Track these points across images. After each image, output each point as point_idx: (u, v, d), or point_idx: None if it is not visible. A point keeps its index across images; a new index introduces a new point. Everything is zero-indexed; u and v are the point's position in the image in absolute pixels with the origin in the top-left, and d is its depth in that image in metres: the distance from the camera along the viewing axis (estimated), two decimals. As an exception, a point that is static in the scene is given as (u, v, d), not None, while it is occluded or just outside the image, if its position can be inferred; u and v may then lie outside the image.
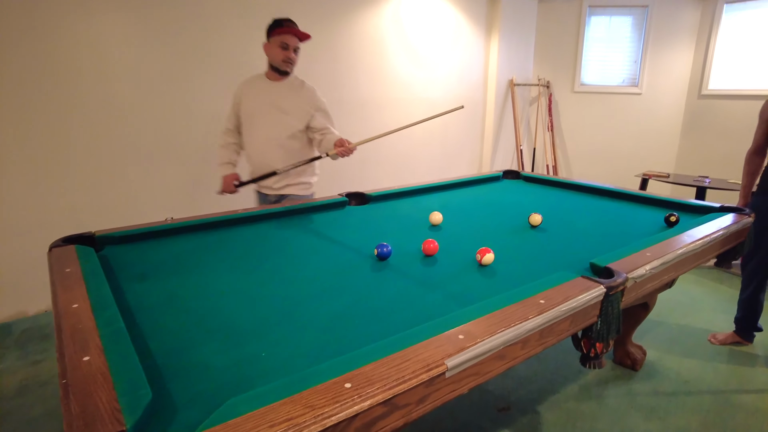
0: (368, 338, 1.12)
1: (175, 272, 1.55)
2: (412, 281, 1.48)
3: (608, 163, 5.47)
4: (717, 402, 2.21)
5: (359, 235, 1.95)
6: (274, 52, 2.34)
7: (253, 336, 1.15)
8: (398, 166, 4.56)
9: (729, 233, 1.96)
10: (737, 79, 4.80)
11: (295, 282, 1.47)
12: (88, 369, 0.95)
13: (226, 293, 1.39)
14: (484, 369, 1.09)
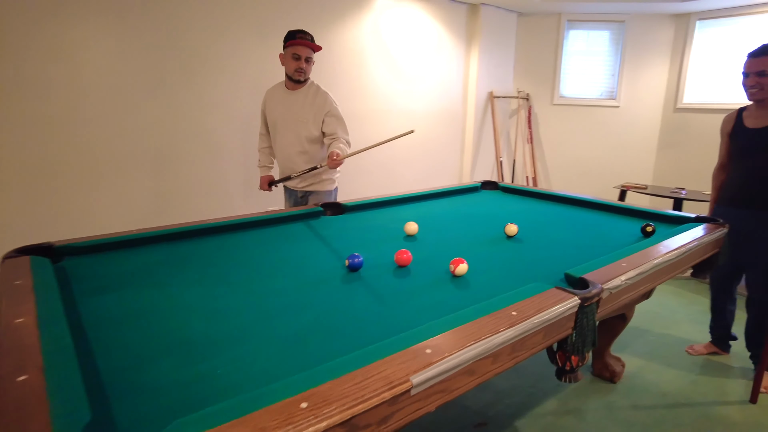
0: (331, 354, 1.07)
1: (138, 285, 1.47)
2: (383, 294, 1.43)
3: (587, 175, 5.51)
4: (696, 416, 2.18)
5: (332, 246, 1.90)
6: (287, 63, 2.52)
7: (211, 353, 1.09)
8: (379, 178, 4.53)
9: (704, 244, 1.95)
10: (710, 93, 4.90)
11: (261, 295, 1.41)
12: (22, 391, 0.87)
13: (189, 307, 1.32)
14: (453, 385, 1.04)
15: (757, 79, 2.30)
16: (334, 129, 2.60)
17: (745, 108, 2.49)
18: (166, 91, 3.20)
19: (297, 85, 2.58)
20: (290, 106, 2.59)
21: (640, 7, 4.82)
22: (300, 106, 2.58)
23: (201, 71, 3.31)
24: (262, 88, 3.57)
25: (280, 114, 2.63)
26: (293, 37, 2.47)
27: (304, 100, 2.59)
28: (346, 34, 4.02)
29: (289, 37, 2.49)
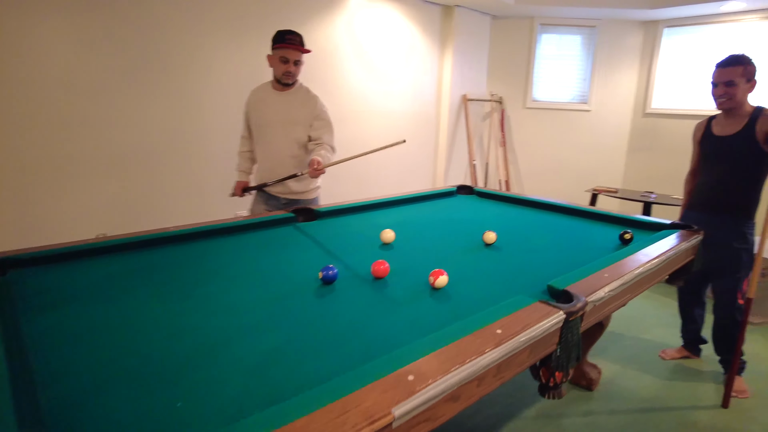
0: (304, 381, 0.98)
1: (92, 301, 1.35)
2: (359, 309, 1.35)
3: (559, 178, 5.56)
4: (672, 421, 2.18)
5: (305, 255, 1.81)
6: (276, 65, 2.41)
7: (172, 379, 0.99)
8: (353, 182, 4.44)
9: (682, 251, 1.95)
10: (677, 99, 5.01)
11: (228, 311, 1.31)
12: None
13: (148, 326, 1.21)
14: (437, 413, 0.96)
15: (725, 89, 2.32)
16: (320, 134, 2.50)
17: (714, 116, 2.52)
18: (135, 90, 3.03)
19: (286, 87, 2.48)
20: (280, 107, 2.48)
21: (610, 13, 4.88)
22: (291, 107, 2.48)
23: (171, 70, 3.15)
24: (233, 88, 3.46)
25: (267, 117, 2.49)
26: (282, 40, 2.34)
27: (295, 102, 2.49)
28: (320, 33, 3.92)
29: (277, 39, 2.36)
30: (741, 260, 2.39)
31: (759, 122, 2.28)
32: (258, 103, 2.53)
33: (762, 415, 2.26)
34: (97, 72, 2.88)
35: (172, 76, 3.17)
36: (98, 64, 2.88)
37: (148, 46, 3.05)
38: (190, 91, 3.28)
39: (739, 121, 2.35)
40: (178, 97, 3.23)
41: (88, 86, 2.86)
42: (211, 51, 3.34)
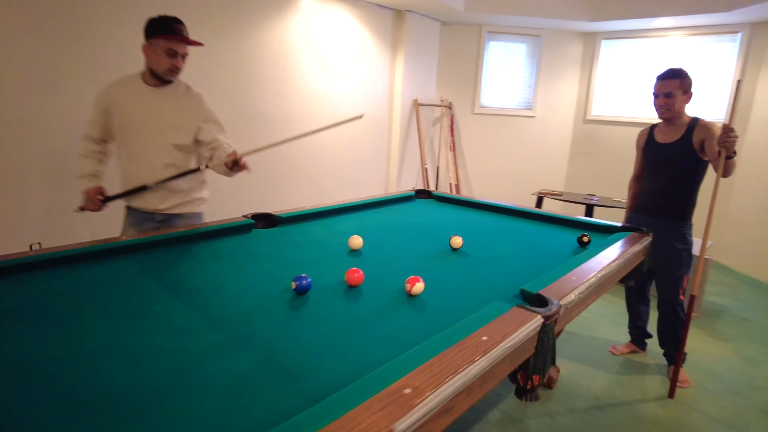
0: (287, 405, 0.92)
1: (34, 323, 1.20)
2: (338, 322, 1.29)
3: (506, 182, 5.73)
4: (626, 415, 2.28)
5: (270, 264, 1.73)
6: (158, 59, 1.98)
7: (134, 413, 0.88)
8: (304, 186, 4.35)
9: (636, 252, 2.04)
10: (615, 106, 5.31)
11: (192, 331, 1.21)
12: None
13: (100, 350, 1.09)
14: (434, 428, 0.93)
15: (665, 100, 2.47)
16: (214, 136, 2.14)
17: (656, 125, 2.67)
18: (72, 92, 2.79)
19: (163, 83, 2.07)
20: (156, 108, 2.05)
21: (553, 23, 5.10)
22: (168, 107, 2.07)
23: (111, 71, 2.93)
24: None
25: (138, 117, 2.04)
26: (169, 30, 1.95)
27: (173, 101, 2.09)
28: (272, 34, 3.80)
29: (161, 27, 1.95)
30: (682, 259, 2.55)
31: (695, 132, 2.44)
32: (125, 101, 2.04)
33: (703, 404, 2.41)
34: (29, 71, 2.63)
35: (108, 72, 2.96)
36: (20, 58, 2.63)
37: (87, 45, 2.82)
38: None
39: (678, 130, 2.50)
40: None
41: (19, 85, 2.61)
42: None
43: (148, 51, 1.99)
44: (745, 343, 3.11)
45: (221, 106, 3.54)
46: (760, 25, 4.51)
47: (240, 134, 3.74)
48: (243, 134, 3.76)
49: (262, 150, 2.10)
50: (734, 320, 3.47)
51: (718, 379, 2.65)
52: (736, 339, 3.16)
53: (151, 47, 1.97)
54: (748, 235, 4.58)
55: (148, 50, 1.99)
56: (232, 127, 3.63)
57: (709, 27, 4.73)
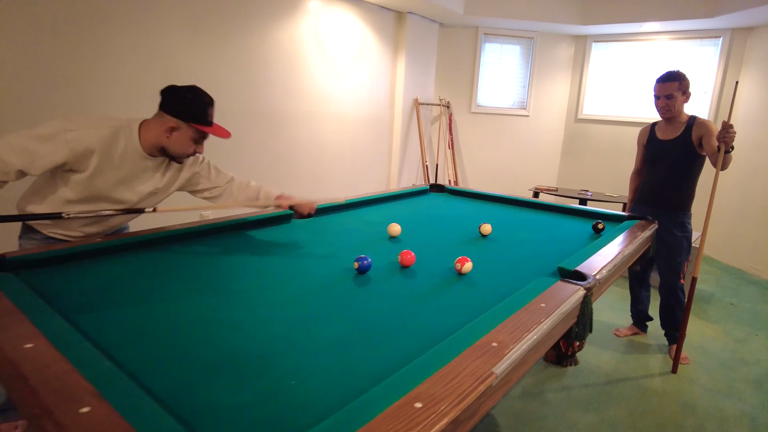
0: (388, 360, 1.06)
1: (127, 300, 1.32)
2: (404, 294, 1.44)
3: (501, 179, 5.94)
4: (634, 389, 2.49)
5: (322, 249, 1.86)
6: (183, 143, 1.72)
7: (257, 369, 1.00)
8: (309, 183, 4.47)
9: (646, 238, 2.24)
10: (604, 106, 5.58)
11: (276, 304, 1.34)
12: (96, 423, 0.76)
13: (206, 320, 1.22)
14: (515, 376, 1.10)
15: (666, 101, 2.68)
16: (226, 175, 2.01)
17: (656, 123, 2.89)
18: (89, 89, 2.86)
19: (165, 157, 1.80)
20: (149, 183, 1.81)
21: (546, 26, 5.33)
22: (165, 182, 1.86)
23: (127, 69, 3.01)
24: (191, 82, 3.36)
25: (125, 188, 1.76)
26: (206, 121, 1.72)
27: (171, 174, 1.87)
28: (282, 34, 3.92)
29: (199, 115, 1.69)
30: (682, 246, 2.77)
31: (694, 129, 2.67)
32: (118, 166, 1.70)
33: (701, 377, 2.64)
34: (34, 67, 2.70)
35: (127, 76, 3.04)
36: (33, 57, 2.70)
37: (100, 44, 2.90)
38: (145, 90, 3.16)
39: (677, 128, 2.73)
40: (130, 96, 3.10)
41: (20, 85, 2.68)
42: (172, 52, 3.24)
43: (171, 130, 1.69)
44: (734, 324, 3.37)
45: (233, 103, 3.67)
46: (740, 30, 4.81)
47: (251, 131, 3.85)
48: (252, 130, 3.87)
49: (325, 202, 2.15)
50: (722, 305, 3.73)
51: (712, 357, 2.88)
52: (725, 321, 3.42)
53: (178, 129, 1.69)
54: (729, 229, 4.88)
55: (171, 130, 1.69)
56: (243, 124, 3.76)
57: (692, 32, 5.02)
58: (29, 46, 2.58)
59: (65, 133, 1.57)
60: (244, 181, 2.02)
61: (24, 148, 1.54)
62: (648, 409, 2.32)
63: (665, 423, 2.22)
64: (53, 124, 1.58)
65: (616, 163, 5.45)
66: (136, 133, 1.70)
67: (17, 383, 0.89)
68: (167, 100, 1.69)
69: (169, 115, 1.68)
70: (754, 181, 4.64)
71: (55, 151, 1.57)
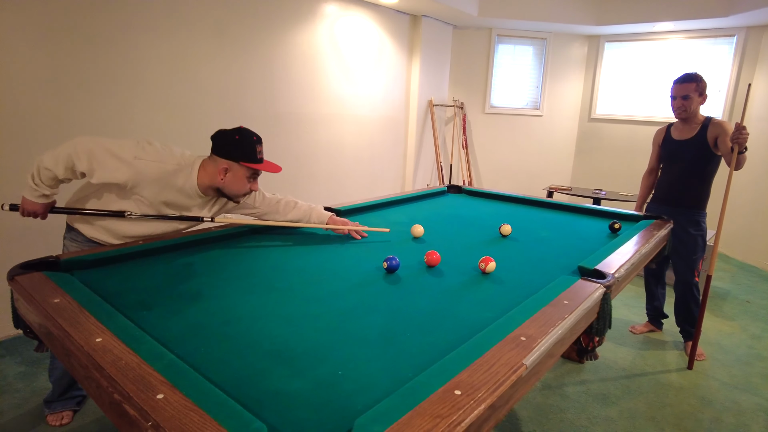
0: (429, 350, 1.14)
1: (180, 298, 1.42)
2: (434, 292, 1.52)
3: (515, 178, 5.99)
4: (651, 383, 2.54)
5: (351, 249, 1.95)
6: (238, 183, 1.82)
7: (315, 359, 1.10)
8: (327, 183, 4.56)
9: (662, 236, 2.30)
10: (618, 105, 5.60)
11: (320, 300, 1.43)
12: (172, 408, 0.85)
13: (259, 315, 1.32)
14: (543, 369, 1.17)
15: (683, 102, 2.73)
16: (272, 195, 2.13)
17: (672, 123, 2.94)
18: (115, 94, 2.98)
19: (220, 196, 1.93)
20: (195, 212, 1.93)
21: (559, 27, 5.37)
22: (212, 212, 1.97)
23: (151, 74, 3.13)
24: (220, 89, 3.48)
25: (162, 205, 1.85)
26: (255, 158, 1.80)
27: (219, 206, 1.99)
28: (301, 38, 4.02)
29: (250, 155, 1.79)
30: (697, 244, 2.82)
31: (709, 130, 2.71)
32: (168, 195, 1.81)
33: (717, 373, 2.68)
34: (56, 69, 2.82)
35: (154, 80, 3.16)
36: (55, 63, 2.81)
37: (128, 50, 3.02)
38: (172, 95, 3.27)
39: (693, 128, 2.77)
40: (158, 100, 3.21)
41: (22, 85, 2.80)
42: (196, 59, 3.34)
43: (225, 172, 1.80)
44: (749, 321, 3.40)
45: (254, 106, 3.77)
46: (755, 28, 4.82)
47: (271, 132, 3.96)
48: (273, 132, 3.98)
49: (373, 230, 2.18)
50: (737, 302, 3.76)
51: (728, 352, 2.93)
52: (741, 318, 3.45)
53: (232, 171, 1.80)
54: (744, 226, 4.89)
55: (225, 171, 1.80)
56: (265, 127, 3.86)
57: (707, 30, 5.03)
58: (55, 54, 2.70)
59: (135, 160, 1.70)
60: (291, 202, 2.12)
61: (95, 156, 1.69)
62: (666, 402, 2.37)
63: (683, 416, 2.28)
64: (128, 146, 1.73)
65: (629, 163, 5.48)
66: (195, 174, 1.81)
67: (94, 373, 0.99)
68: (218, 143, 1.80)
69: (221, 158, 1.79)
70: (770, 179, 4.65)
71: (119, 171, 1.70)
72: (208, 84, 3.43)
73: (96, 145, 1.70)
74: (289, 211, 2.10)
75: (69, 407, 2.14)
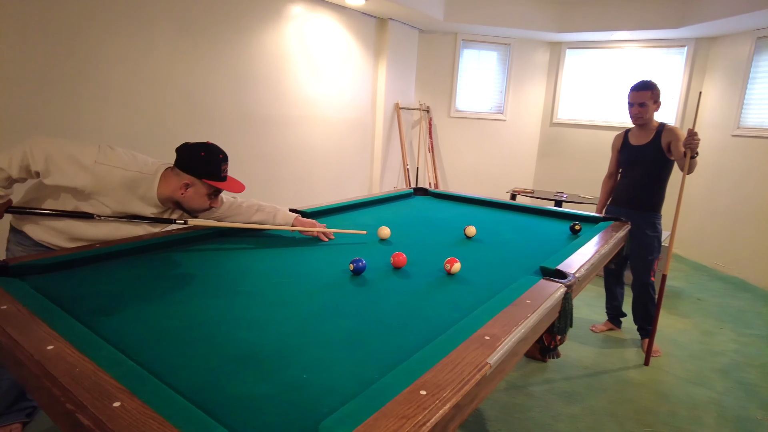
0: (396, 352, 1.15)
1: (141, 302, 1.37)
2: (400, 293, 1.53)
3: (480, 181, 6.09)
4: (612, 380, 2.63)
5: (318, 251, 1.93)
6: (198, 200, 1.80)
7: (280, 363, 1.08)
8: (294, 186, 4.52)
9: (620, 237, 2.38)
10: (579, 110, 5.78)
11: (286, 304, 1.41)
12: (130, 416, 0.82)
13: (222, 319, 1.29)
14: (507, 366, 1.19)
15: (639, 109, 2.85)
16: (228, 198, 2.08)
17: (629, 129, 3.06)
18: (76, 96, 2.87)
19: (182, 211, 1.91)
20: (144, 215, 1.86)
21: (522, 33, 5.51)
22: None
23: (112, 72, 3.03)
24: (185, 89, 3.40)
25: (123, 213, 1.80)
26: (219, 176, 1.77)
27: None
28: (267, 39, 3.97)
29: (214, 172, 1.75)
30: (653, 246, 2.93)
31: (663, 135, 2.83)
32: (127, 203, 1.77)
33: (673, 368, 2.80)
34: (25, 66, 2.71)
35: (112, 80, 3.06)
36: (25, 58, 2.70)
37: (87, 48, 2.92)
38: (134, 95, 3.18)
39: (649, 134, 2.89)
40: (119, 100, 3.12)
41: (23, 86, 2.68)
42: (161, 58, 3.26)
43: (186, 187, 1.77)
44: (702, 318, 3.57)
45: (220, 106, 3.71)
46: (703, 40, 5.07)
47: (237, 133, 3.89)
48: (240, 133, 3.91)
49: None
50: (691, 300, 3.93)
51: (682, 348, 3.06)
52: (694, 315, 3.61)
53: (194, 187, 1.77)
54: (697, 228, 5.13)
55: (186, 186, 1.77)
56: (232, 128, 3.80)
57: (660, 41, 5.26)
58: (8, 51, 2.58)
59: (96, 165, 1.65)
60: (255, 204, 2.09)
61: (52, 159, 1.61)
62: (626, 398, 2.46)
63: (642, 410, 2.36)
64: (89, 150, 1.66)
65: (590, 166, 5.66)
66: (156, 184, 1.77)
67: (46, 382, 0.95)
68: (182, 157, 1.76)
69: (184, 173, 1.75)
70: (719, 183, 4.89)
71: (78, 176, 1.64)
72: (172, 84, 3.34)
73: (54, 146, 1.63)
74: (252, 214, 2.07)
75: (18, 419, 2.04)
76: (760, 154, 4.45)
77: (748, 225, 4.55)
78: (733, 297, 4.07)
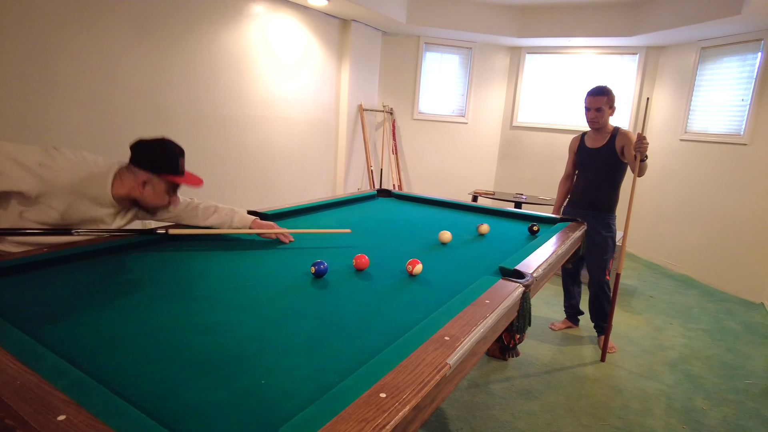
0: (357, 354, 1.14)
1: (92, 309, 1.31)
2: (362, 295, 1.52)
3: (443, 182, 6.17)
4: (569, 377, 2.70)
5: (279, 254, 1.91)
6: (156, 196, 1.75)
7: (237, 368, 1.05)
8: (258, 188, 4.45)
9: (577, 238, 2.46)
10: (538, 114, 5.94)
11: (245, 308, 1.38)
12: (75, 429, 0.79)
13: (177, 325, 1.25)
14: (467, 366, 1.21)
15: (595, 113, 2.95)
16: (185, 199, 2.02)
17: (585, 132, 3.16)
18: (33, 96, 2.73)
19: (142, 211, 1.86)
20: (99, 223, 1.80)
21: (483, 37, 5.61)
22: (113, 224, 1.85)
23: (63, 68, 2.90)
24: (140, 87, 3.28)
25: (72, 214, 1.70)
26: (178, 170, 1.74)
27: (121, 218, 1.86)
28: (228, 38, 3.89)
29: (171, 166, 1.72)
30: (608, 246, 3.04)
31: (617, 139, 2.95)
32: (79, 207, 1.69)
33: (626, 363, 2.91)
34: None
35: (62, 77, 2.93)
36: None
37: (34, 44, 2.78)
38: (86, 93, 3.05)
39: (604, 137, 3.00)
40: (70, 99, 2.99)
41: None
42: (116, 54, 3.14)
43: (144, 184, 1.72)
44: (653, 314, 3.72)
45: (177, 105, 3.61)
46: (653, 48, 5.31)
47: (195, 133, 3.80)
48: (198, 133, 3.82)
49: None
50: (643, 297, 4.10)
51: (635, 344, 3.18)
52: (646, 312, 3.77)
53: (151, 183, 1.72)
54: (648, 228, 5.36)
55: (144, 184, 1.72)
56: (191, 128, 3.70)
57: (614, 48, 5.47)
58: None
59: (41, 168, 1.56)
60: (211, 206, 2.03)
61: None
62: (582, 394, 2.54)
63: (597, 405, 2.45)
64: (33, 152, 1.58)
65: (548, 168, 5.82)
66: (110, 183, 1.70)
67: (-17, 396, 0.89)
68: (138, 154, 1.70)
69: (140, 170, 1.70)
70: (669, 185, 5.13)
71: (23, 181, 1.55)
72: (126, 82, 3.23)
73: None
74: (209, 216, 2.02)
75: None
76: (704, 158, 4.69)
77: (694, 225, 4.79)
78: (681, 294, 4.27)
